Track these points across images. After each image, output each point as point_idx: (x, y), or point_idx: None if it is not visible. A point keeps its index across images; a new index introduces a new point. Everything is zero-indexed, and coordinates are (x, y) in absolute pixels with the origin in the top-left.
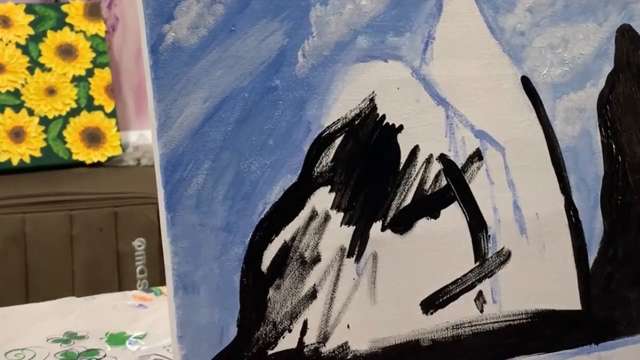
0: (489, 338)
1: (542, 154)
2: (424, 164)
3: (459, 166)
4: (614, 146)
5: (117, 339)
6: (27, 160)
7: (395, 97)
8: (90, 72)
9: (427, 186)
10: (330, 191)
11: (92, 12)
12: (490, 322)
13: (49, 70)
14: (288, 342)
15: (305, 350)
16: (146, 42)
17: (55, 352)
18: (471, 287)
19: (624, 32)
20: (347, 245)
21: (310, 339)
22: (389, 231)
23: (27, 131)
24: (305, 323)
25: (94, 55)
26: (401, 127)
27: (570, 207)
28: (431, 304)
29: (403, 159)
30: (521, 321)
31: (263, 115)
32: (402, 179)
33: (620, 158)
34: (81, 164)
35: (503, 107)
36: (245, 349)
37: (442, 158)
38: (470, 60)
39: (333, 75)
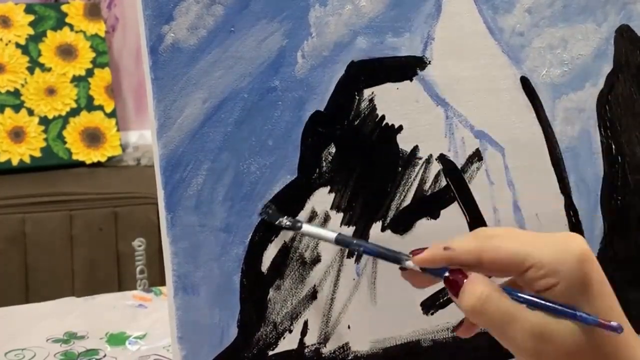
0: (490, 338)
1: (542, 154)
2: (424, 164)
3: (459, 166)
4: (613, 146)
5: (117, 339)
6: (27, 160)
7: (395, 98)
8: (90, 72)
9: (426, 186)
10: (330, 192)
11: (92, 12)
12: None
13: (49, 70)
14: (288, 342)
15: (305, 350)
16: (146, 42)
17: (55, 352)
18: None
19: (623, 33)
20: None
21: (311, 339)
22: (389, 231)
23: (27, 131)
24: (305, 324)
25: (93, 55)
26: (401, 128)
27: (570, 207)
28: (431, 305)
29: (402, 160)
30: None
31: (262, 116)
32: (401, 179)
33: (620, 158)
34: (81, 164)
35: (502, 107)
36: (245, 349)
37: (442, 158)
38: (470, 61)
39: (332, 76)
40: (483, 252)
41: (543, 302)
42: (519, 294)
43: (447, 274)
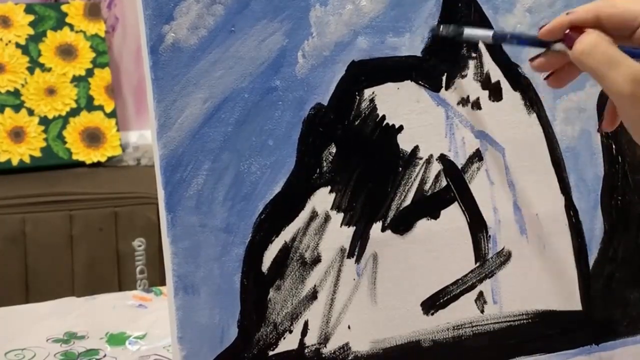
0: (490, 338)
1: (542, 154)
2: (424, 165)
3: (459, 166)
4: (614, 146)
5: (117, 339)
6: (27, 160)
7: (396, 98)
8: (90, 72)
9: (427, 187)
10: (331, 192)
11: (92, 12)
12: (491, 323)
13: (49, 70)
14: (289, 343)
15: (306, 351)
16: (146, 42)
17: (55, 352)
18: (472, 287)
19: None
20: (347, 246)
21: (311, 339)
22: (389, 232)
23: (27, 131)
24: (306, 324)
25: (94, 55)
26: (401, 128)
27: (570, 207)
28: (432, 305)
29: (403, 160)
30: (522, 321)
31: (263, 116)
32: (402, 179)
33: (620, 158)
34: (81, 164)
35: (503, 107)
36: (245, 350)
37: (442, 158)
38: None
39: (333, 76)
40: (601, 9)
41: None
42: (624, 47)
43: (567, 31)
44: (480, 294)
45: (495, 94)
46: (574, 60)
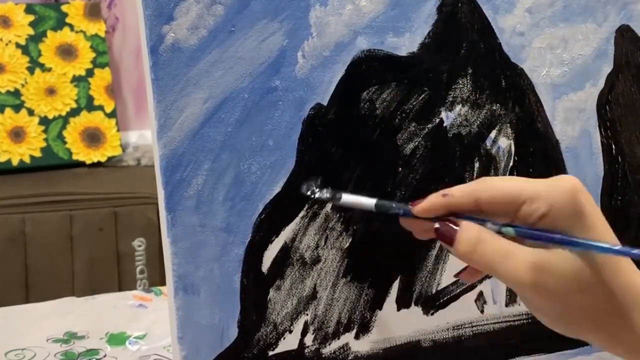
0: (490, 338)
1: (542, 154)
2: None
3: (459, 166)
4: (613, 146)
5: (117, 339)
6: (27, 160)
7: (395, 98)
8: (90, 72)
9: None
10: None
11: (92, 12)
12: (491, 323)
13: (49, 70)
14: (289, 342)
15: (306, 351)
16: (146, 42)
17: (55, 352)
18: (472, 287)
19: (623, 33)
20: (347, 246)
21: (311, 339)
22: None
23: (27, 131)
24: (305, 324)
25: (94, 55)
26: (401, 128)
27: None
28: (432, 305)
29: (403, 160)
30: (521, 321)
31: (263, 116)
32: (402, 179)
33: (620, 158)
34: (81, 164)
35: (503, 107)
36: (246, 350)
37: (442, 158)
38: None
39: (333, 76)
40: (480, 192)
41: (540, 232)
42: (517, 226)
43: (437, 225)
44: (480, 294)
45: (495, 94)
46: (459, 257)
